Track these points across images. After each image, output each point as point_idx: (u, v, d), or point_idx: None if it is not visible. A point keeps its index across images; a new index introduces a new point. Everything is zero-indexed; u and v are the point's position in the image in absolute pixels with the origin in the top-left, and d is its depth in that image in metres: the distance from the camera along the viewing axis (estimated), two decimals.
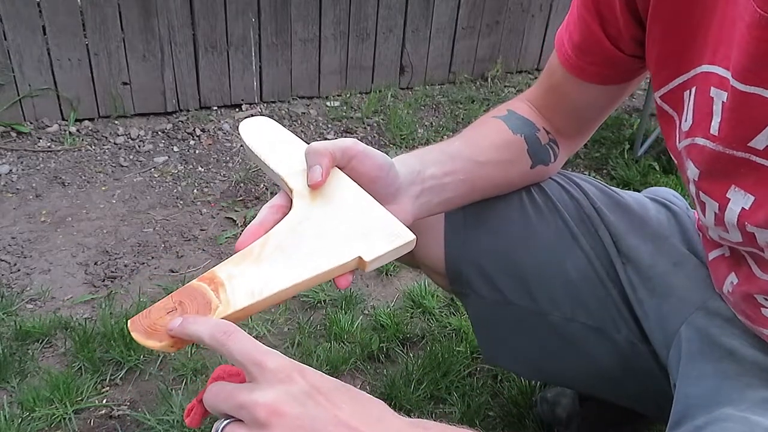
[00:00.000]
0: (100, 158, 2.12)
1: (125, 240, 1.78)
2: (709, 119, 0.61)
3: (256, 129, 0.70)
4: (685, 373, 0.73)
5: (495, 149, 0.80)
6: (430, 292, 1.60)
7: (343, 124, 2.45)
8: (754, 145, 0.57)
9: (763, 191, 0.58)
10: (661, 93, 0.68)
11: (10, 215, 1.83)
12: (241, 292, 0.55)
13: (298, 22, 2.41)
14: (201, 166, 2.14)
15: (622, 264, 0.83)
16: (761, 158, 0.57)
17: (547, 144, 0.84)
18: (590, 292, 0.84)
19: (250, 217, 1.88)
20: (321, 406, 0.48)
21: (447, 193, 0.76)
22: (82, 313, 1.52)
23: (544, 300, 0.86)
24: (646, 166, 2.23)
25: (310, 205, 0.61)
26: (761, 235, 0.60)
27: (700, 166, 0.64)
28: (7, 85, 2.10)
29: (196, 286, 0.55)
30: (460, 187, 0.77)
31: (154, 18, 2.19)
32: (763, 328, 0.67)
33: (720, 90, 0.59)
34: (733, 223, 0.62)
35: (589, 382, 0.93)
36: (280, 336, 1.47)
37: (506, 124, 0.82)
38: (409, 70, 2.73)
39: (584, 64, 0.76)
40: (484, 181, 0.81)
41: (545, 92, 0.84)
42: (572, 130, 0.86)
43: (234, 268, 0.56)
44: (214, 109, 2.43)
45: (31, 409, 1.24)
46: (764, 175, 0.57)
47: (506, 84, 2.89)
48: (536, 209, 0.86)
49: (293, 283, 0.56)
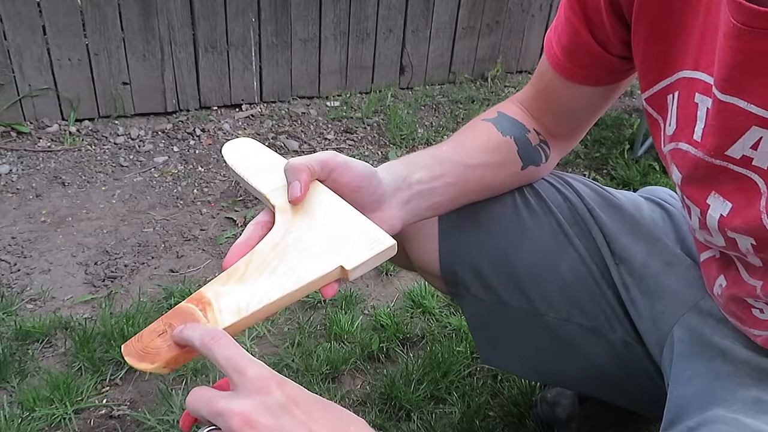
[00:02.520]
0: (100, 158, 2.12)
1: (125, 240, 1.78)
2: (693, 125, 0.61)
3: (239, 150, 0.73)
4: (677, 373, 0.74)
5: (484, 152, 0.80)
6: (430, 292, 1.60)
7: (343, 124, 2.45)
8: (731, 154, 0.57)
9: (739, 199, 0.59)
10: (647, 96, 0.69)
11: (10, 215, 1.83)
12: (227, 310, 0.57)
13: (298, 22, 2.41)
14: (201, 166, 2.14)
15: (616, 264, 0.83)
16: (738, 167, 0.57)
17: (538, 145, 0.84)
18: (585, 292, 0.85)
19: (250, 217, 1.88)
20: (296, 418, 0.48)
21: (436, 198, 0.76)
22: (82, 313, 1.52)
23: (539, 301, 0.86)
24: (646, 166, 2.24)
25: (292, 219, 0.63)
26: (742, 242, 0.61)
27: (682, 171, 0.64)
28: (7, 85, 2.10)
29: (184, 308, 0.57)
30: (450, 191, 0.77)
31: (154, 18, 2.19)
32: (753, 329, 0.68)
33: (705, 97, 0.59)
34: (716, 228, 0.62)
35: (586, 383, 0.94)
36: (280, 336, 1.47)
37: (495, 127, 0.82)
38: (409, 70, 2.73)
39: (573, 66, 0.76)
40: (473, 183, 0.81)
41: (536, 94, 0.84)
42: (564, 131, 0.86)
43: (221, 287, 0.58)
44: (214, 109, 2.43)
45: (31, 409, 1.24)
46: (741, 183, 0.58)
47: (506, 84, 2.89)
48: (530, 210, 0.86)
49: (277, 297, 0.58)
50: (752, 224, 0.57)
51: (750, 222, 0.58)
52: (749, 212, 0.58)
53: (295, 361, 1.39)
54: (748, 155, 0.56)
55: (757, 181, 0.57)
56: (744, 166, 0.57)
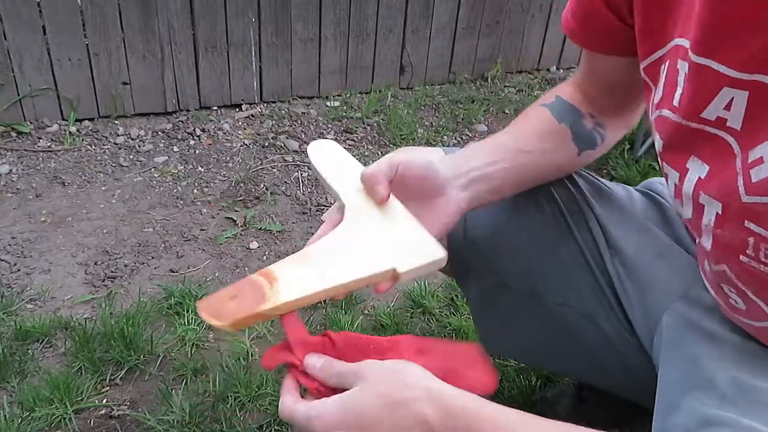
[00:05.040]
0: (100, 158, 2.12)
1: (125, 240, 1.78)
2: (674, 91, 0.62)
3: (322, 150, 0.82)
4: (665, 360, 0.75)
5: (538, 138, 0.82)
6: (430, 292, 1.60)
7: (343, 124, 2.45)
8: (706, 116, 0.58)
9: (717, 161, 0.59)
10: (644, 65, 0.70)
11: (10, 215, 1.83)
12: (290, 287, 0.63)
13: (298, 22, 2.41)
14: (201, 166, 2.14)
15: (610, 255, 0.85)
16: (714, 128, 0.58)
17: (593, 129, 0.85)
18: (582, 279, 0.86)
19: (250, 217, 1.89)
20: None
21: (495, 181, 0.78)
22: (82, 313, 1.52)
23: (538, 284, 0.89)
24: (646, 166, 2.23)
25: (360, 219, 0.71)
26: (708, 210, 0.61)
27: (663, 138, 0.65)
28: (7, 85, 2.10)
29: (255, 279, 0.64)
30: (508, 175, 0.80)
31: (154, 18, 2.19)
32: (737, 315, 0.68)
33: (684, 62, 0.60)
34: (689, 194, 0.63)
35: (584, 370, 0.96)
36: (280, 336, 1.47)
37: (551, 113, 0.84)
38: (409, 70, 2.73)
39: (585, 34, 0.77)
40: (530, 168, 0.82)
41: (582, 70, 0.86)
42: (611, 106, 0.86)
43: (288, 267, 0.66)
44: (214, 109, 2.43)
45: (31, 409, 1.24)
46: (717, 145, 0.58)
47: (506, 84, 2.89)
48: (532, 196, 0.88)
49: (333, 285, 0.64)
50: (726, 186, 0.58)
51: (725, 184, 0.58)
52: (725, 173, 0.58)
53: None
54: (722, 116, 0.57)
55: (731, 142, 0.57)
56: (719, 127, 0.58)
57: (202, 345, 1.44)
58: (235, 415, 1.26)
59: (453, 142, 2.42)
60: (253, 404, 1.29)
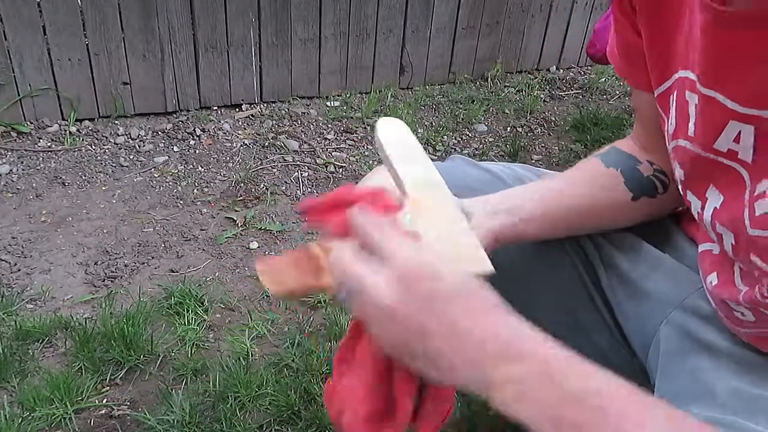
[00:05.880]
0: (100, 158, 2.12)
1: (125, 240, 1.78)
2: (687, 121, 0.62)
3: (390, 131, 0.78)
4: (663, 370, 0.74)
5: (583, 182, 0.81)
6: None
7: (343, 124, 2.45)
8: (718, 148, 0.58)
9: (730, 192, 0.59)
10: (656, 94, 0.69)
11: (10, 215, 1.83)
12: None
13: (298, 22, 2.41)
14: (201, 166, 2.14)
15: (604, 270, 0.84)
16: (727, 159, 0.58)
17: (652, 175, 0.82)
18: (577, 297, 0.86)
19: (250, 217, 1.89)
20: None
21: (523, 214, 0.77)
22: (82, 313, 1.52)
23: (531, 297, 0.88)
24: None
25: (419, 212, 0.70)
26: (726, 239, 0.61)
27: (683, 168, 0.65)
28: (7, 85, 2.10)
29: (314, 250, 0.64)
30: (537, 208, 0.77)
31: (154, 18, 2.19)
32: (738, 327, 0.68)
33: (692, 93, 0.60)
34: (708, 223, 0.63)
35: None
36: (280, 336, 1.47)
37: (601, 160, 0.83)
38: (409, 70, 2.73)
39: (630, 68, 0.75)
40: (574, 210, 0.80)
41: (636, 118, 0.84)
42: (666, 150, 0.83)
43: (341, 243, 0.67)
44: (214, 109, 2.43)
45: (31, 409, 1.25)
46: (731, 176, 0.58)
47: (506, 84, 2.89)
48: None
49: None
50: (734, 218, 0.58)
51: (733, 215, 0.58)
52: (735, 205, 0.58)
53: (295, 361, 1.39)
54: (734, 148, 0.57)
55: (743, 174, 0.57)
56: (731, 158, 0.58)
57: (202, 345, 1.44)
58: (235, 415, 1.26)
59: (453, 142, 2.42)
60: (253, 404, 1.29)
